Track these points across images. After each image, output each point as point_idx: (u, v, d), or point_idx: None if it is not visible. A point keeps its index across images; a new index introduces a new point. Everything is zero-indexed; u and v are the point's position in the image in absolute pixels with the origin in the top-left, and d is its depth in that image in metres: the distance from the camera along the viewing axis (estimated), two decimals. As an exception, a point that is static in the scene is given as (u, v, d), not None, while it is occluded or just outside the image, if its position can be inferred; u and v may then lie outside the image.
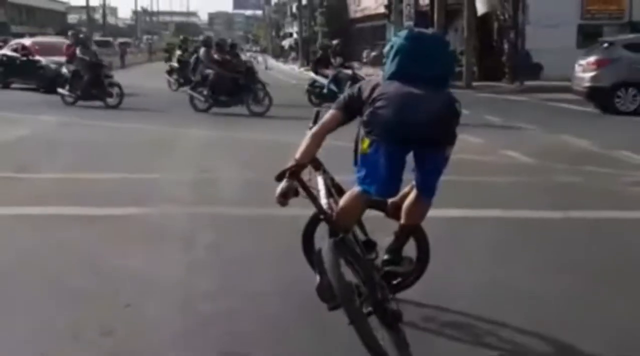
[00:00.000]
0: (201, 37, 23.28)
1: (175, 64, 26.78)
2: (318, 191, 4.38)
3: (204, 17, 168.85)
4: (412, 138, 4.10)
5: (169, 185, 9.00)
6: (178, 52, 28.70)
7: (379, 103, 4.10)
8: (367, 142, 4.15)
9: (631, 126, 16.11)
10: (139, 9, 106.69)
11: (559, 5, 30.55)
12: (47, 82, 23.58)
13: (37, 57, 24.97)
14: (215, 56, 19.14)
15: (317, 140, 4.33)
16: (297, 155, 4.23)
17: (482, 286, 5.33)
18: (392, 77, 4.21)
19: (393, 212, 4.60)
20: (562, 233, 7.02)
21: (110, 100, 19.45)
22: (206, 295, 5.08)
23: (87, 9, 67.12)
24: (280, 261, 5.71)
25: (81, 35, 23.78)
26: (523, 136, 14.30)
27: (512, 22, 31.06)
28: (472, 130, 12.69)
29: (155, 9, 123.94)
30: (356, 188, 4.26)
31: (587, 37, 30.24)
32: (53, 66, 23.73)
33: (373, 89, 4.20)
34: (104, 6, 75.14)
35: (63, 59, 23.13)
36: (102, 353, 4.20)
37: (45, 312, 4.79)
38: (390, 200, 4.59)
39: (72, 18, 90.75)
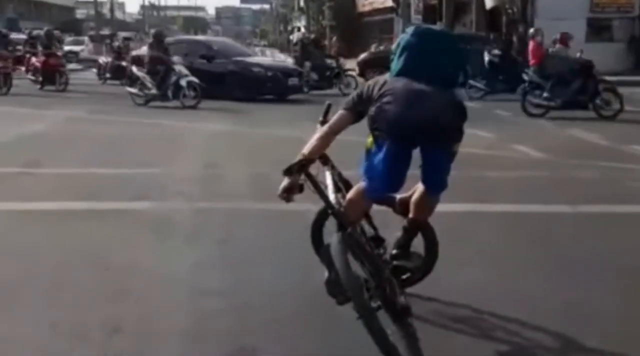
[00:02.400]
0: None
1: None
2: (326, 186, 4.38)
3: (211, 11, 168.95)
4: (418, 135, 4.09)
5: (177, 179, 8.99)
6: None
7: (385, 100, 4.09)
8: (372, 137, 4.14)
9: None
10: (146, 3, 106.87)
11: (568, -2, 30.44)
12: (252, 88, 20.30)
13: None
14: None
15: (326, 141, 4.32)
16: (306, 150, 4.21)
17: (490, 281, 5.31)
18: (399, 73, 4.19)
19: (401, 209, 4.59)
20: (571, 228, 7.00)
21: (604, 112, 15.78)
22: (214, 291, 5.07)
23: (95, 4, 67.18)
24: (289, 256, 5.70)
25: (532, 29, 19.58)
26: (533, 130, 14.25)
27: (520, 15, 30.98)
28: (481, 125, 12.65)
29: (162, 3, 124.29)
30: (362, 184, 4.26)
31: (596, 31, 30.19)
32: (257, 70, 20.84)
33: (381, 86, 4.19)
34: (111, 1, 75.17)
35: (257, 60, 21.16)
36: (110, 350, 4.19)
37: (52, 309, 4.79)
38: (398, 197, 4.58)
39: (80, 13, 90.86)
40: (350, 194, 4.34)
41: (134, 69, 19.30)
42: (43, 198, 7.87)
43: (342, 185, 4.56)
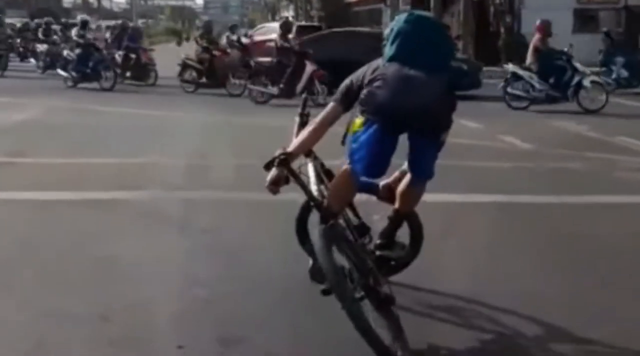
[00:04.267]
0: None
1: None
2: (308, 178, 4.39)
3: (199, 1, 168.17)
4: (407, 121, 4.10)
5: (165, 169, 9.00)
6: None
7: (376, 84, 4.10)
8: (360, 120, 4.14)
9: (627, 111, 16.08)
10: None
11: (555, -11, 30.46)
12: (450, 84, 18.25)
13: None
14: None
15: (317, 135, 4.35)
16: (292, 146, 4.25)
17: (477, 271, 5.35)
18: (392, 59, 4.18)
19: (385, 195, 4.60)
20: (558, 218, 7.05)
21: None
22: (204, 280, 5.10)
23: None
24: (276, 246, 5.73)
25: None
26: (521, 121, 14.29)
27: (508, 6, 31.01)
28: (469, 115, 12.67)
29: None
30: (347, 167, 4.24)
31: (583, 22, 30.23)
32: (456, 64, 17.21)
33: (373, 71, 4.20)
34: (99, -11, 74.91)
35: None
36: (100, 338, 4.21)
37: (42, 298, 4.81)
38: (381, 183, 4.60)
39: (67, 2, 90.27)
40: (335, 179, 4.35)
41: (511, 66, 16.46)
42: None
43: (325, 176, 4.57)
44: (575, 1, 31.97)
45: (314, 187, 4.35)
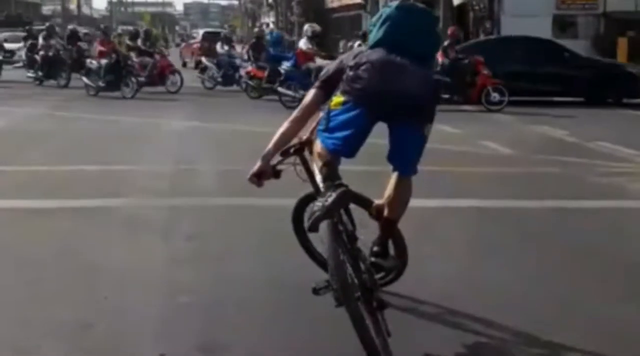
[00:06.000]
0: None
1: None
2: (315, 175, 4.36)
3: (179, 7, 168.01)
4: (390, 108, 4.04)
5: (147, 176, 8.97)
6: None
7: (362, 68, 4.03)
8: (341, 99, 4.09)
9: (607, 117, 16.22)
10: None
11: (534, -5, 30.65)
12: (622, 90, 17.66)
13: None
14: None
15: (302, 122, 4.33)
16: (277, 134, 4.25)
17: (459, 277, 5.36)
18: (377, 45, 4.12)
19: (377, 214, 4.58)
20: (538, 222, 7.08)
21: None
22: (187, 287, 5.07)
23: (62, -1, 66.69)
24: (261, 251, 5.73)
25: None
26: (501, 126, 14.36)
27: (487, 12, 31.18)
28: (449, 121, 12.74)
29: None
30: (319, 146, 4.17)
31: (562, 28, 30.46)
32: (635, 70, 17.94)
33: (355, 56, 4.16)
34: (78, -4, 74.54)
35: None
36: (80, 346, 4.18)
37: (22, 306, 4.76)
38: (375, 202, 4.57)
39: (47, 9, 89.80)
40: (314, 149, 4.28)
41: None
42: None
43: None
44: (554, 7, 32.19)
45: (321, 184, 4.31)
